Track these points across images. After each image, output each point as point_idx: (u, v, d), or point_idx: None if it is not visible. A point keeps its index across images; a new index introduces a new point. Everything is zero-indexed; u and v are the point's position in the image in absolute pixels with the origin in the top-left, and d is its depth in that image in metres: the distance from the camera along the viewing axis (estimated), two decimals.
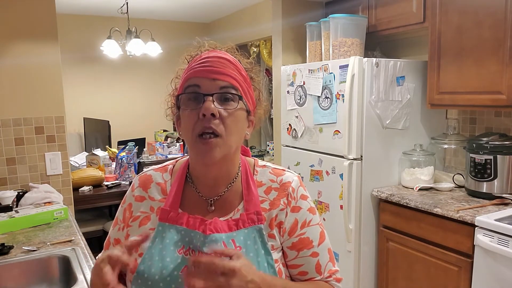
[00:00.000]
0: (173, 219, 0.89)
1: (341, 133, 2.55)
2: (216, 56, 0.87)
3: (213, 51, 0.89)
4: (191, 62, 0.90)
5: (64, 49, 2.98)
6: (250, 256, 0.85)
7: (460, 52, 2.28)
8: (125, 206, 0.97)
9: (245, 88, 0.88)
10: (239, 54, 0.94)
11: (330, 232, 2.67)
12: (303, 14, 3.28)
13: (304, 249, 0.92)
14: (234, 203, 0.92)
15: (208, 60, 0.86)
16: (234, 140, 0.86)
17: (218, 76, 0.84)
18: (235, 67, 0.87)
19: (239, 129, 0.87)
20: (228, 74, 0.85)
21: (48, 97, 2.43)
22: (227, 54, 0.89)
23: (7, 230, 1.85)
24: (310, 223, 0.94)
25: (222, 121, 0.83)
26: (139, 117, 4.97)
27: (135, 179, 0.99)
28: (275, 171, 0.96)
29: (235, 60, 0.89)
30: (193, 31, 5.16)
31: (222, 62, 0.86)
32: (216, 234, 0.85)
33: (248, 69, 0.93)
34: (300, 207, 0.93)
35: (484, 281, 1.91)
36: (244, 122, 0.89)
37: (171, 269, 0.84)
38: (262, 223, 0.89)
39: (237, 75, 0.87)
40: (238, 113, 0.86)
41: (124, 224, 0.96)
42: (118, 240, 0.97)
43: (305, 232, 0.92)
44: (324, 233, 0.97)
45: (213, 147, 0.83)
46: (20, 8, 2.32)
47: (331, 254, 0.97)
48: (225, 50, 0.91)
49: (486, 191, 2.20)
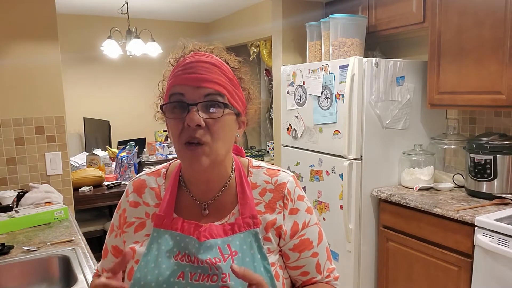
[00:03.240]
0: (168, 224, 0.88)
1: (341, 133, 2.55)
2: (199, 61, 0.83)
3: (197, 54, 0.85)
4: (175, 66, 0.87)
5: (64, 49, 2.98)
6: (246, 261, 0.84)
7: (460, 52, 2.28)
8: (120, 212, 0.96)
9: (232, 91, 0.85)
10: (226, 53, 0.90)
11: (330, 232, 2.69)
12: (303, 14, 3.28)
13: (305, 250, 0.92)
14: (228, 207, 0.90)
15: (191, 66, 0.83)
16: (221, 146, 0.84)
17: (202, 84, 0.81)
18: (220, 70, 0.84)
19: (227, 134, 0.85)
20: (213, 81, 0.82)
21: (48, 97, 2.43)
22: (212, 57, 0.85)
23: (7, 230, 1.85)
24: (309, 223, 0.93)
25: (208, 129, 0.81)
26: (139, 117, 4.96)
27: (128, 184, 0.98)
28: (269, 171, 0.95)
29: (221, 62, 0.86)
30: (193, 31, 5.16)
31: (206, 67, 0.83)
32: (211, 240, 0.85)
33: (236, 69, 0.89)
34: (298, 208, 0.92)
35: (484, 281, 1.91)
36: (232, 125, 0.87)
37: (167, 275, 0.83)
38: (258, 227, 0.87)
39: (223, 80, 0.84)
40: (225, 118, 0.83)
41: (120, 230, 0.95)
42: (116, 247, 0.96)
43: (305, 233, 0.92)
44: (322, 232, 0.96)
45: (200, 155, 0.81)
46: (20, 8, 2.32)
47: (328, 252, 0.98)
48: (210, 51, 0.88)
49: (486, 191, 2.20)
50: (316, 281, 0.95)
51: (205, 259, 0.83)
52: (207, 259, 0.83)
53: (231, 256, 0.84)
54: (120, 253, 0.95)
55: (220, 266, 0.82)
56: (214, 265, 0.82)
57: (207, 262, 0.82)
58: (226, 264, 0.83)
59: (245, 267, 0.81)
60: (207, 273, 0.82)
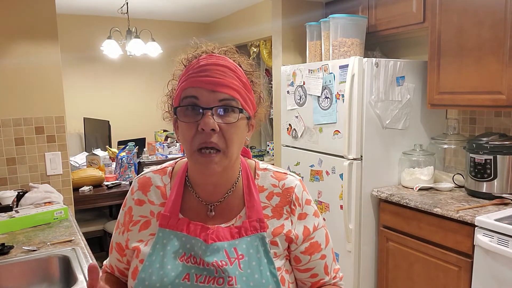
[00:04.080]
0: (174, 225, 0.87)
1: (341, 133, 2.55)
2: (215, 64, 0.82)
3: (212, 56, 0.84)
4: (188, 66, 0.85)
5: (64, 49, 2.97)
6: (252, 264, 0.84)
7: (460, 52, 2.28)
8: (125, 209, 0.96)
9: (245, 96, 0.84)
10: (239, 55, 0.89)
11: (330, 232, 2.67)
12: (303, 14, 3.28)
13: (314, 252, 0.93)
14: (235, 209, 0.90)
15: (206, 69, 0.81)
16: (235, 150, 0.84)
17: (218, 88, 0.80)
18: (235, 74, 0.83)
19: (239, 138, 0.85)
20: (228, 85, 0.81)
21: (48, 97, 2.43)
22: (226, 59, 0.84)
23: (7, 230, 1.85)
24: (318, 226, 0.94)
25: (222, 134, 0.81)
26: (139, 117, 4.97)
27: (134, 181, 0.97)
28: (276, 174, 0.94)
29: (235, 66, 0.85)
30: (193, 31, 5.16)
31: (221, 70, 0.81)
32: (218, 242, 0.84)
33: (249, 72, 0.88)
34: (307, 213, 0.93)
35: (484, 281, 1.91)
36: (244, 130, 0.87)
37: (172, 277, 0.82)
38: (264, 231, 0.87)
39: (237, 84, 0.83)
40: (239, 123, 0.83)
41: (124, 228, 0.94)
42: (119, 244, 0.96)
43: (314, 236, 0.93)
44: (328, 234, 0.98)
45: (214, 161, 0.81)
46: (20, 8, 2.32)
47: (333, 253, 0.99)
48: (224, 53, 0.87)
49: (486, 191, 2.20)
50: (324, 283, 0.97)
51: (212, 261, 0.82)
52: (214, 262, 0.82)
53: (238, 260, 0.83)
54: (122, 250, 0.95)
55: (226, 269, 0.82)
56: (220, 268, 0.82)
57: (213, 265, 0.82)
58: (232, 267, 0.82)
59: (251, 271, 0.82)
60: (213, 276, 0.82)
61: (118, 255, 0.97)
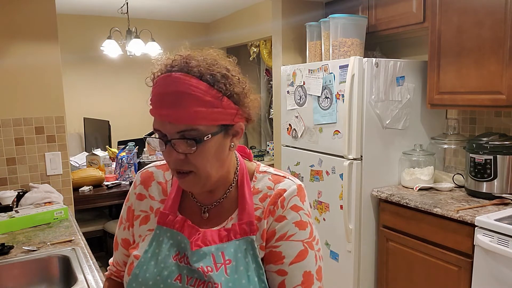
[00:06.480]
0: (171, 223, 0.87)
1: (341, 133, 2.55)
2: (167, 93, 0.76)
3: (167, 78, 0.77)
4: (153, 85, 0.81)
5: (64, 49, 2.97)
6: (240, 270, 0.81)
7: (460, 52, 2.28)
8: (128, 204, 0.96)
9: (210, 114, 0.77)
10: (204, 58, 0.80)
11: (330, 232, 2.69)
12: (303, 14, 3.28)
13: (270, 263, 0.84)
14: (229, 211, 0.88)
15: (161, 98, 0.77)
16: (210, 169, 0.81)
17: (173, 120, 0.76)
18: (193, 97, 0.75)
19: (212, 158, 0.81)
20: (184, 116, 0.75)
21: (48, 97, 2.43)
22: (182, 81, 0.75)
23: (7, 230, 1.85)
24: (290, 237, 0.84)
25: (189, 160, 0.79)
26: (139, 117, 4.96)
27: (137, 175, 0.98)
28: (274, 177, 0.90)
29: (194, 85, 0.76)
30: (193, 31, 5.16)
31: (176, 98, 0.75)
32: (205, 247, 0.83)
33: (217, 80, 0.78)
34: (285, 217, 0.85)
35: (484, 281, 1.91)
36: (219, 145, 0.81)
37: (165, 276, 0.83)
38: (254, 234, 0.84)
39: (195, 109, 0.75)
40: (205, 147, 0.79)
41: (129, 223, 0.95)
42: (126, 240, 0.96)
43: (279, 245, 0.84)
44: (307, 253, 0.84)
45: (190, 182, 0.82)
46: (20, 8, 2.32)
47: (309, 279, 0.84)
48: (185, 64, 0.78)
49: (486, 191, 2.20)
50: None
51: (198, 267, 0.81)
52: (199, 267, 0.81)
53: (224, 265, 0.82)
54: (130, 245, 0.94)
55: (211, 276, 0.80)
56: (206, 274, 0.80)
57: (199, 271, 0.81)
58: (218, 273, 0.81)
59: (238, 276, 0.80)
60: (203, 280, 0.81)
61: (125, 250, 0.96)
